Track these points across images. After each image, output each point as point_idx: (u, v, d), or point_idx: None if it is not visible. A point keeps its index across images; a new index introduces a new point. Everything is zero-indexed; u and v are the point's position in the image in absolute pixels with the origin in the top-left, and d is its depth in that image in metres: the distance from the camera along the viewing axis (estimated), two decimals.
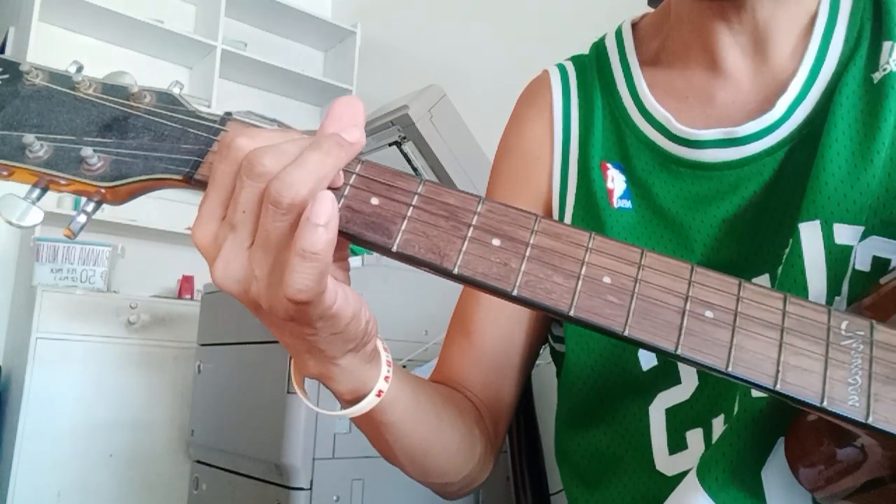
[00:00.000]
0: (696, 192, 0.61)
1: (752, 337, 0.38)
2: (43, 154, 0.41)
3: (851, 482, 0.45)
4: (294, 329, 0.42)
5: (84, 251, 2.66)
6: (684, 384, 0.59)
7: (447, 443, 0.59)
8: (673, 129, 0.63)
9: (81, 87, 0.44)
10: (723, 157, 0.61)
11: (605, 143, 0.67)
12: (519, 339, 0.69)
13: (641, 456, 0.60)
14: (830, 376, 0.37)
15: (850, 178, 0.54)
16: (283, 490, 1.64)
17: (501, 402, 0.69)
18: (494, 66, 2.67)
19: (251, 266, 0.39)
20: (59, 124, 0.43)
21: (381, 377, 0.48)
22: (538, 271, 0.39)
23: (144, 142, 0.42)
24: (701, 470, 0.53)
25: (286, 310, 0.39)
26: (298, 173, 0.37)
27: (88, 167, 0.41)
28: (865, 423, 0.37)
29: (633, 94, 0.67)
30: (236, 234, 0.39)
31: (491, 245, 0.39)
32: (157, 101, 0.44)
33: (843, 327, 0.39)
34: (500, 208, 0.40)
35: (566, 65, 0.74)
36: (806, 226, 0.54)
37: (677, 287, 0.38)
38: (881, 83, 0.56)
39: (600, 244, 0.39)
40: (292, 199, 0.37)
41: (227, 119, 0.43)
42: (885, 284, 0.48)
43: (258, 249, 0.39)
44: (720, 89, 0.64)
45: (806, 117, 0.59)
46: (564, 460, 0.70)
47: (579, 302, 0.38)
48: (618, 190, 0.64)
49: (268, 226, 0.38)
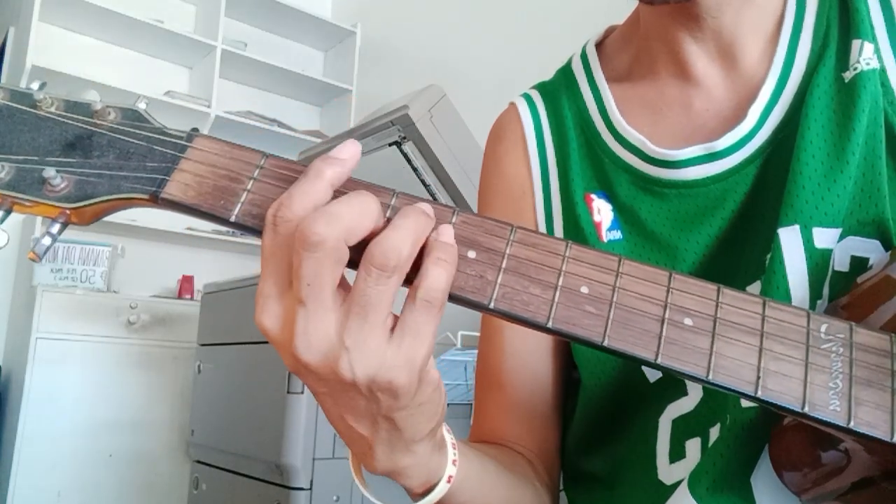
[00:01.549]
0: (683, 212, 0.61)
1: (731, 343, 0.38)
2: (4, 176, 0.40)
3: (836, 484, 0.45)
4: (380, 406, 0.39)
5: (84, 251, 2.67)
6: (690, 395, 0.59)
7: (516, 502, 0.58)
8: (649, 152, 0.62)
9: (43, 105, 0.42)
10: (704, 172, 0.60)
11: (584, 174, 0.66)
12: (547, 377, 0.67)
13: (647, 466, 0.60)
14: (811, 381, 0.37)
15: (826, 181, 0.54)
16: (283, 490, 1.64)
17: (549, 445, 0.67)
18: (494, 66, 2.67)
19: (341, 337, 0.37)
20: (20, 144, 0.41)
21: (449, 461, 0.47)
22: (515, 283, 0.38)
23: (109, 160, 0.41)
24: (692, 480, 0.54)
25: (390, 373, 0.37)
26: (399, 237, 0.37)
27: (52, 188, 0.40)
28: (847, 427, 0.37)
29: (605, 119, 0.66)
30: (307, 308, 0.37)
31: (466, 257, 0.39)
32: (122, 119, 0.43)
33: (823, 330, 0.39)
34: (475, 219, 0.40)
35: (532, 94, 0.73)
36: (785, 231, 0.53)
37: (656, 294, 0.38)
38: (852, 83, 0.56)
39: (577, 253, 0.39)
40: (398, 260, 0.36)
41: (193, 136, 0.42)
42: (862, 284, 0.47)
43: (353, 318, 0.37)
44: (694, 97, 0.63)
45: (779, 122, 0.59)
46: (576, 482, 0.69)
47: (557, 313, 0.38)
48: (605, 221, 0.63)
49: (369, 292, 0.36)
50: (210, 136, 0.42)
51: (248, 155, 0.41)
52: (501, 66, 2.61)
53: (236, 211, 0.40)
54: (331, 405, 0.41)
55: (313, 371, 0.38)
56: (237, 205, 0.40)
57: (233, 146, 0.41)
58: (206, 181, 0.40)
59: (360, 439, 0.42)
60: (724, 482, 0.52)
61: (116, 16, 3.03)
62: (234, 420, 1.89)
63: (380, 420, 0.40)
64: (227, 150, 0.41)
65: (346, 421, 0.41)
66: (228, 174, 0.40)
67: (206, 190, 0.40)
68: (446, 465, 0.46)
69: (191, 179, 0.40)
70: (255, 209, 0.40)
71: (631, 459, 0.62)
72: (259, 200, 0.40)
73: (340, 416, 0.41)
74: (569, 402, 0.70)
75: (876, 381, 0.38)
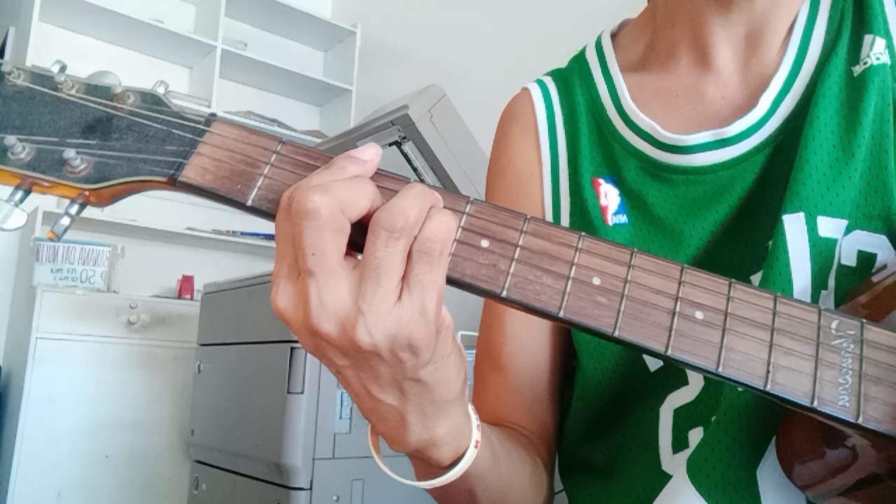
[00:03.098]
0: (690, 198, 0.61)
1: (742, 338, 0.38)
2: (25, 156, 0.41)
3: (842, 481, 0.45)
4: (404, 368, 0.39)
5: (84, 251, 2.66)
6: (691, 384, 0.59)
7: (521, 478, 0.58)
8: (660, 137, 0.62)
9: (64, 87, 0.43)
10: (713, 159, 0.60)
11: (593, 159, 0.67)
12: (547, 362, 0.68)
13: (649, 456, 0.60)
14: (821, 377, 0.37)
15: (832, 172, 0.54)
16: (283, 490, 1.64)
17: (548, 428, 0.68)
18: (494, 66, 2.67)
19: (356, 302, 0.37)
20: (41, 125, 0.42)
21: (474, 426, 0.47)
22: (527, 273, 0.38)
23: (128, 143, 0.42)
24: (691, 468, 0.53)
25: (407, 328, 0.37)
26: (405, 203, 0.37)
27: (71, 169, 0.41)
28: (856, 423, 0.37)
29: (617, 104, 0.67)
30: (317, 278, 0.37)
31: (479, 247, 0.39)
32: (141, 102, 0.43)
33: (834, 327, 0.39)
34: (489, 208, 0.40)
35: (545, 80, 0.73)
36: (790, 218, 0.54)
37: (667, 288, 0.38)
38: (861, 77, 0.56)
39: (590, 244, 0.39)
40: (404, 223, 0.37)
41: (211, 120, 0.43)
42: (880, 282, 0.48)
43: (366, 283, 0.37)
44: (709, 85, 0.64)
45: (790, 112, 0.59)
46: (574, 472, 0.69)
47: (568, 304, 0.38)
48: (612, 206, 0.64)
49: (378, 254, 0.37)
50: (228, 122, 0.42)
51: (265, 140, 0.42)
52: (501, 66, 2.61)
53: (252, 195, 0.40)
54: (354, 380, 0.40)
55: (333, 343, 0.38)
56: (253, 189, 0.40)
57: (250, 132, 0.42)
58: (223, 165, 0.41)
59: (391, 412, 0.42)
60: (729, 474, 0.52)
61: (116, 16, 3.03)
62: (234, 420, 1.89)
63: (407, 384, 0.40)
64: (244, 135, 0.42)
65: (372, 394, 0.41)
66: (245, 159, 0.41)
67: (223, 174, 0.41)
68: (472, 429, 0.46)
69: (208, 163, 0.41)
70: (271, 194, 0.40)
71: (631, 449, 0.62)
72: (275, 185, 0.40)
73: (366, 391, 0.41)
74: (567, 391, 0.71)
75: (886, 378, 0.38)
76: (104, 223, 2.87)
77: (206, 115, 0.43)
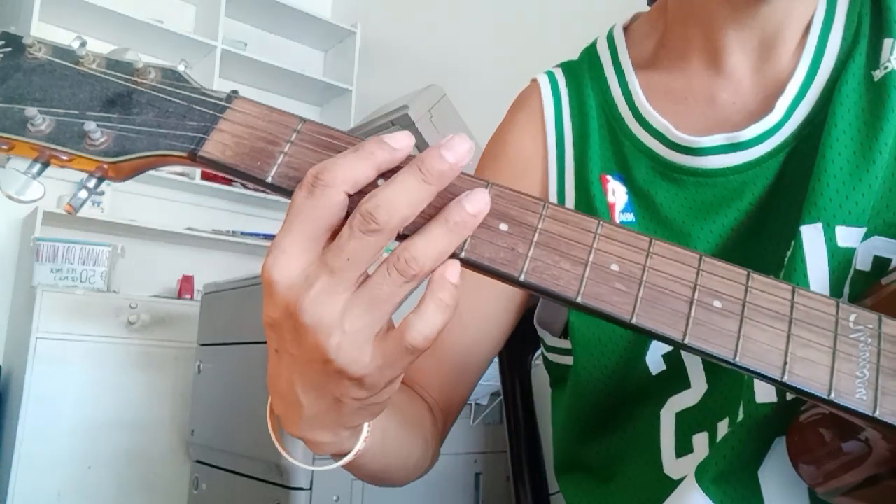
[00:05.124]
0: (699, 200, 0.60)
1: (759, 327, 0.37)
2: (45, 128, 0.41)
3: (853, 477, 0.45)
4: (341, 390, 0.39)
5: (84, 251, 2.66)
6: (694, 388, 0.58)
7: (406, 461, 0.59)
8: (672, 137, 0.62)
9: (85, 61, 0.43)
10: (725, 162, 0.60)
11: (602, 154, 0.66)
12: (486, 345, 0.68)
13: (650, 459, 0.60)
14: (838, 369, 0.37)
15: (851, 180, 0.53)
16: (283, 490, 1.64)
17: (454, 401, 0.68)
18: (494, 66, 2.67)
19: (343, 317, 0.37)
20: (61, 98, 0.42)
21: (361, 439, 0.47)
22: (546, 257, 0.38)
23: (149, 118, 0.41)
24: (699, 471, 0.53)
25: (371, 364, 0.38)
26: (427, 250, 0.37)
27: (91, 142, 0.40)
28: (872, 416, 0.37)
29: (629, 101, 0.66)
30: (333, 280, 0.37)
31: (498, 229, 0.39)
32: (163, 78, 0.43)
33: (852, 320, 0.38)
34: (509, 193, 0.40)
35: (555, 72, 0.73)
36: (808, 228, 0.53)
37: (685, 276, 0.38)
38: (882, 81, 0.56)
39: (609, 231, 0.39)
40: (419, 271, 0.37)
41: (233, 97, 0.42)
42: (888, 285, 0.47)
43: (360, 305, 0.37)
44: (721, 90, 0.63)
45: (806, 117, 0.58)
46: (569, 472, 0.69)
47: (586, 289, 0.37)
48: (619, 203, 0.63)
49: (384, 288, 0.37)
50: (249, 99, 0.42)
51: (286, 119, 0.41)
52: (501, 66, 2.61)
53: (272, 172, 0.40)
54: (288, 370, 0.40)
55: (300, 334, 0.38)
56: (273, 166, 0.40)
57: (272, 109, 0.42)
58: (243, 142, 0.41)
59: (294, 406, 0.42)
60: (732, 475, 0.52)
61: (116, 16, 3.02)
62: (234, 420, 1.89)
63: (328, 398, 0.40)
64: (265, 112, 0.42)
65: (293, 387, 0.41)
66: (266, 136, 0.41)
67: (243, 150, 0.40)
68: (357, 443, 0.47)
69: (229, 139, 0.41)
70: (291, 171, 0.40)
71: (631, 453, 0.62)
72: (295, 163, 0.40)
73: (290, 381, 0.41)
74: (557, 390, 0.70)
75: None
76: (104, 223, 2.87)
77: (227, 93, 0.43)
